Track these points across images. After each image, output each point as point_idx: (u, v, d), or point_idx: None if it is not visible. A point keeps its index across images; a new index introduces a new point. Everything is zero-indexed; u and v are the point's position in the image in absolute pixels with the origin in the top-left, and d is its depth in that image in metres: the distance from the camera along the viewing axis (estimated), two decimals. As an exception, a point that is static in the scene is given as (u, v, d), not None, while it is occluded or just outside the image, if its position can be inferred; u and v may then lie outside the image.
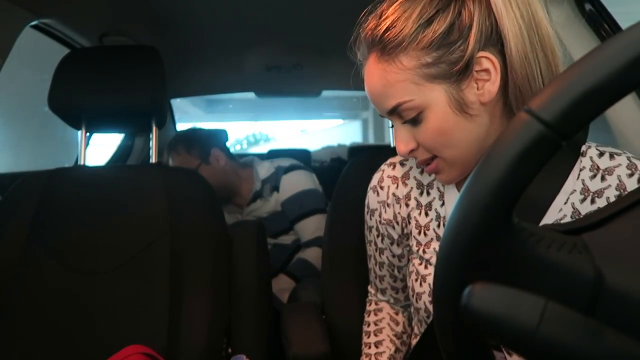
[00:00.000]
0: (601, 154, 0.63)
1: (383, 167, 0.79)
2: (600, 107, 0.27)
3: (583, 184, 0.62)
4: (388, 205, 0.76)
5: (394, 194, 0.76)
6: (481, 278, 0.29)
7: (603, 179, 0.61)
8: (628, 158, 0.62)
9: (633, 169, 0.61)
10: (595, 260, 0.28)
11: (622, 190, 0.60)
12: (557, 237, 0.30)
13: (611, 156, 0.63)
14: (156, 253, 1.00)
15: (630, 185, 0.60)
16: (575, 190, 0.62)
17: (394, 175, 0.76)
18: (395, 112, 0.61)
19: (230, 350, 1.01)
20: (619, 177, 0.61)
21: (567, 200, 0.62)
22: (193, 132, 1.72)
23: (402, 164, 0.77)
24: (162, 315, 0.95)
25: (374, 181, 0.79)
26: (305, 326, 0.94)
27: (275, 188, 1.64)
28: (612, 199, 0.60)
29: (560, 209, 0.62)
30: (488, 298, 0.27)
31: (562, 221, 0.61)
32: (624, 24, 1.04)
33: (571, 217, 0.61)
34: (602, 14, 1.09)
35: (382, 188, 0.77)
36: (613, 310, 0.27)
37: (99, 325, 0.95)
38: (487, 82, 0.57)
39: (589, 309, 0.28)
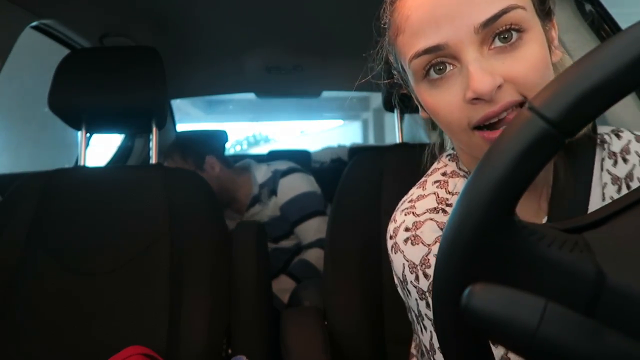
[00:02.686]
0: (608, 137, 0.58)
1: (428, 187, 0.60)
2: (604, 105, 0.26)
3: (610, 174, 0.56)
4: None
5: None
6: (482, 277, 0.29)
7: (625, 161, 0.56)
8: (630, 132, 0.59)
9: None
10: (597, 259, 0.28)
11: None
12: (558, 235, 0.30)
13: (617, 136, 0.58)
14: (156, 254, 1.00)
15: None
16: (606, 183, 0.56)
17: (458, 192, 0.58)
18: (493, 23, 0.45)
19: (230, 351, 1.01)
20: (637, 152, 0.56)
21: (604, 195, 0.56)
22: (189, 138, 1.74)
23: (451, 175, 0.60)
24: (162, 316, 0.95)
25: (428, 204, 0.58)
26: (306, 334, 0.92)
27: (274, 192, 1.64)
28: None
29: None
30: (488, 299, 0.27)
31: None
32: (624, 24, 1.04)
33: None
34: (602, 15, 1.09)
35: (450, 205, 0.58)
36: (614, 309, 0.27)
37: (98, 326, 0.95)
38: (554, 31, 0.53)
39: (589, 308, 0.28)
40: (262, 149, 6.17)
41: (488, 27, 0.46)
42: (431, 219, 0.56)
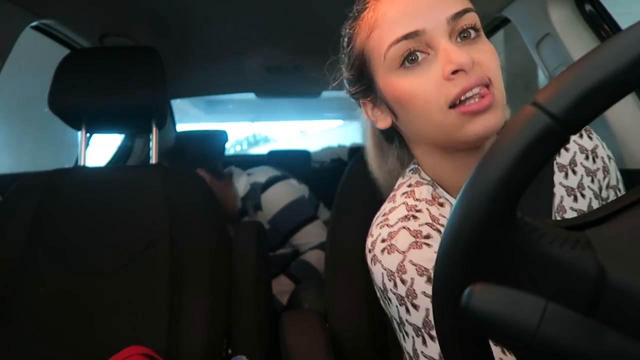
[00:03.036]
0: None
1: (397, 199, 0.63)
2: (608, 101, 0.26)
3: (563, 186, 0.63)
4: (438, 230, 0.59)
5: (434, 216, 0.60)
6: (482, 277, 0.29)
7: (574, 172, 0.64)
8: (575, 141, 0.66)
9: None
10: (598, 257, 0.28)
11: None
12: (560, 232, 0.30)
13: (565, 148, 0.65)
14: (156, 254, 1.00)
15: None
16: (563, 196, 0.63)
17: (424, 198, 0.62)
18: (460, 17, 0.53)
19: (230, 351, 1.01)
20: (582, 163, 0.64)
21: (564, 207, 0.62)
22: (179, 150, 1.68)
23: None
24: (162, 316, 0.95)
25: (399, 213, 0.61)
26: (308, 335, 0.90)
27: (258, 207, 1.61)
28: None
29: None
30: (488, 299, 0.27)
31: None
32: (624, 24, 1.04)
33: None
34: (602, 15, 1.09)
35: (419, 211, 0.60)
36: (614, 308, 0.27)
37: (99, 326, 0.94)
38: None
39: (590, 306, 0.28)
40: (262, 149, 6.16)
41: (456, 20, 0.53)
42: (404, 227, 0.59)
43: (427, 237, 0.57)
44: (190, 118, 6.92)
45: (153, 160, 1.20)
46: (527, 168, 0.27)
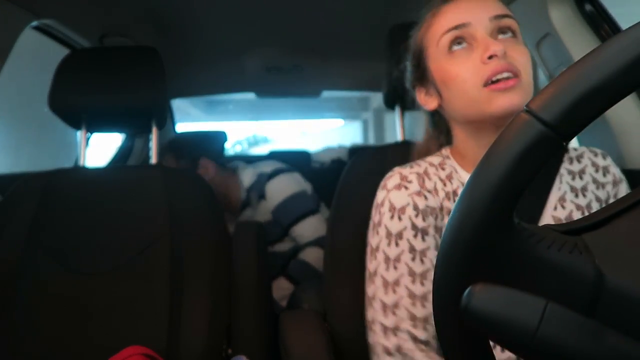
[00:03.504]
0: (569, 158, 0.78)
1: (395, 170, 0.77)
2: (601, 107, 0.26)
3: (569, 184, 0.74)
4: (425, 196, 0.72)
5: (423, 187, 0.73)
6: (481, 279, 0.29)
7: (582, 178, 0.75)
8: (589, 156, 0.79)
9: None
10: (596, 261, 0.28)
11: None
12: (558, 237, 0.30)
13: (578, 160, 0.77)
14: (156, 254, 1.00)
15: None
16: (566, 191, 0.74)
17: (416, 172, 0.75)
18: (501, 20, 0.68)
19: (230, 351, 1.01)
20: (590, 174, 0.76)
21: (565, 199, 0.73)
22: (183, 139, 1.72)
23: (412, 166, 0.77)
24: (162, 316, 0.95)
25: (394, 181, 0.75)
26: (308, 335, 0.90)
27: (262, 196, 1.62)
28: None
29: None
30: (488, 299, 0.27)
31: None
32: (624, 24, 1.04)
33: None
34: (602, 15, 1.09)
35: (410, 182, 0.73)
36: (613, 310, 0.27)
37: (98, 327, 0.94)
38: None
39: (589, 310, 0.28)
40: (262, 149, 6.17)
41: (497, 20, 0.67)
42: (417, 174, 0.74)
43: (410, 181, 0.73)
44: (190, 118, 6.92)
45: (153, 160, 1.20)
46: (521, 175, 0.28)
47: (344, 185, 1.03)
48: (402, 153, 0.97)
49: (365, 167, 1.02)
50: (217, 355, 0.97)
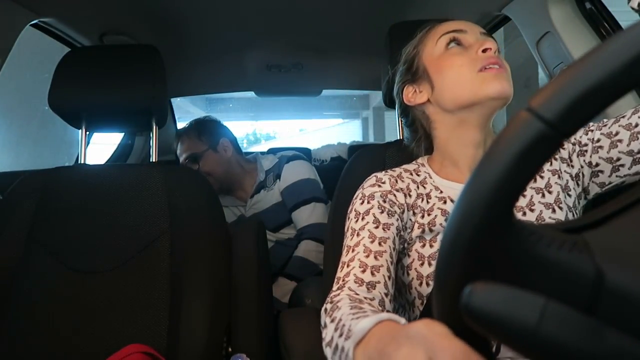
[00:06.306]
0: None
1: (371, 175, 0.83)
2: (601, 106, 0.27)
3: (554, 168, 0.80)
4: (395, 194, 0.78)
5: (394, 186, 0.79)
6: (481, 277, 0.29)
7: (571, 166, 0.80)
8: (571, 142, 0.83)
9: None
10: (596, 259, 0.28)
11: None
12: (557, 235, 0.30)
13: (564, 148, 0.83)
14: (156, 252, 1.00)
15: None
16: (552, 173, 0.79)
17: (390, 175, 0.81)
18: (486, 37, 0.79)
19: (230, 349, 1.01)
20: (578, 159, 0.80)
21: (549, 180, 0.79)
22: (208, 119, 1.76)
23: (387, 171, 0.83)
24: (162, 315, 0.95)
25: (370, 182, 0.81)
26: (309, 333, 0.89)
27: (278, 176, 1.68)
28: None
29: None
30: (488, 297, 0.27)
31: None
32: (624, 23, 1.04)
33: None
34: (602, 13, 1.09)
35: (383, 182, 0.80)
36: (613, 309, 0.27)
37: (99, 325, 0.95)
38: None
39: (589, 308, 0.28)
40: (262, 147, 6.15)
41: (484, 37, 0.79)
42: (391, 176, 0.81)
43: (383, 182, 0.79)
44: (190, 116, 6.90)
45: (153, 158, 1.20)
46: (522, 173, 0.28)
47: (345, 182, 1.04)
48: (401, 151, 0.97)
49: (366, 165, 1.02)
50: (217, 353, 0.98)
